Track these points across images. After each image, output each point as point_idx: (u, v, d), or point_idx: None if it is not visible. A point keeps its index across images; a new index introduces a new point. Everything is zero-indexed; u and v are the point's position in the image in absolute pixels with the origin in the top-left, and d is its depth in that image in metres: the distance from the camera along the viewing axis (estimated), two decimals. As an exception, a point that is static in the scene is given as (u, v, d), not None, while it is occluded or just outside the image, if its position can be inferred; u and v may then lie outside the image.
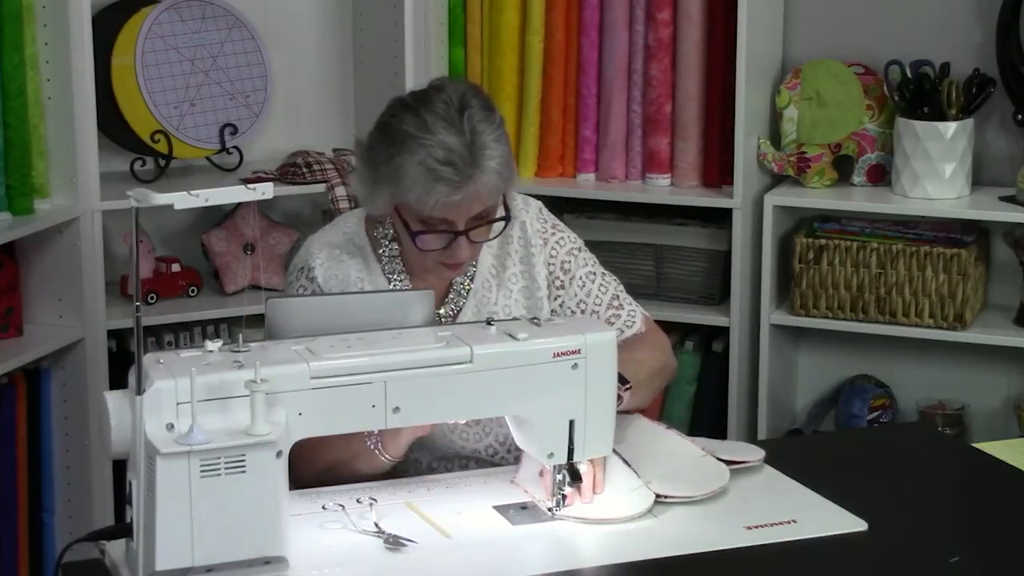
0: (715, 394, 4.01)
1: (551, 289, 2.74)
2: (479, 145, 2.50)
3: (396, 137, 2.53)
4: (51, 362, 3.71)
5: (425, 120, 2.51)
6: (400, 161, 2.50)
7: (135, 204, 2.08)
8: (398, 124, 2.53)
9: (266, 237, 3.98)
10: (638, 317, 2.78)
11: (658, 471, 2.46)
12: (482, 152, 2.50)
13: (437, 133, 2.49)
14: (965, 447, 2.97)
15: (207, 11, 3.95)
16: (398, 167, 2.51)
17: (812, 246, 3.89)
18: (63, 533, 3.74)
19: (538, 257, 2.74)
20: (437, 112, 2.52)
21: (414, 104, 2.54)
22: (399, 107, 2.57)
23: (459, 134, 2.50)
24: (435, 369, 2.28)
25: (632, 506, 2.38)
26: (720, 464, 2.51)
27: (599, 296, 2.76)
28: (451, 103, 2.53)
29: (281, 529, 2.16)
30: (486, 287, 2.71)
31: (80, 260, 3.64)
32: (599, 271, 2.79)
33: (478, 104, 2.55)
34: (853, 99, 3.95)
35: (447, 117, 2.51)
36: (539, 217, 2.78)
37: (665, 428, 2.64)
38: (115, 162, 3.92)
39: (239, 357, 2.20)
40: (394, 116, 2.56)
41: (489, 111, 2.56)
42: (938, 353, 4.00)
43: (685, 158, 4.01)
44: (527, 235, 2.75)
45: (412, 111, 2.53)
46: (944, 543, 2.35)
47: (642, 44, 4.01)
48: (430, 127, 2.50)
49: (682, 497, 2.41)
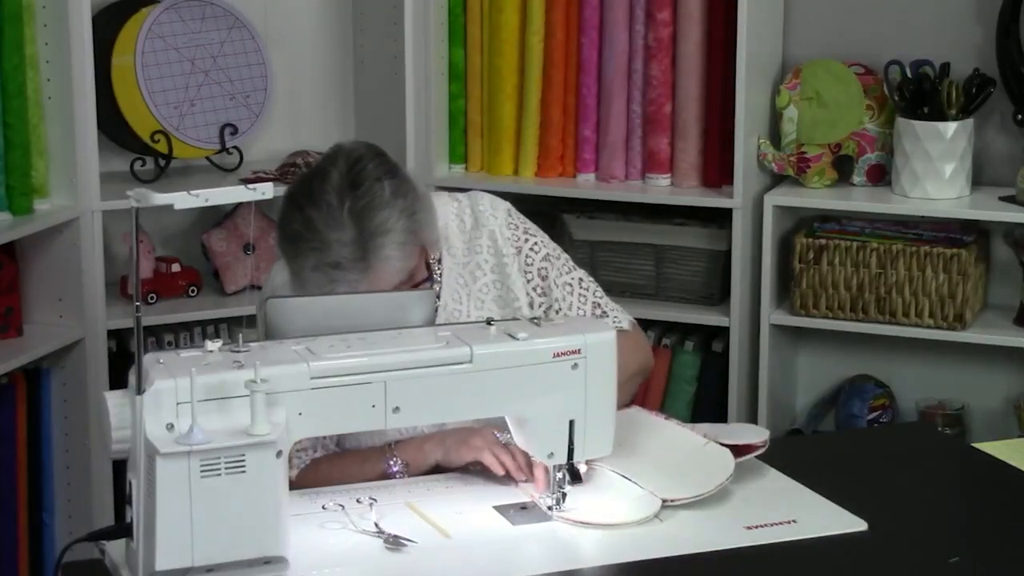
0: (715, 394, 4.01)
1: (531, 296, 2.73)
2: (368, 234, 2.44)
3: (288, 237, 2.49)
4: (51, 362, 3.71)
5: (311, 218, 2.45)
6: (298, 265, 2.48)
7: (135, 204, 2.08)
8: (288, 224, 2.48)
9: (266, 237, 3.98)
10: (623, 320, 2.77)
11: (661, 472, 2.45)
12: (374, 241, 2.44)
13: (323, 231, 2.44)
14: (965, 447, 2.97)
15: (207, 11, 3.96)
16: (299, 270, 2.48)
17: (812, 246, 3.89)
18: (63, 533, 3.74)
19: (512, 267, 2.71)
20: (321, 207, 2.44)
21: (300, 198, 2.47)
22: (288, 203, 2.50)
23: (345, 229, 2.43)
24: (435, 369, 2.28)
25: (638, 511, 2.37)
26: (724, 451, 2.47)
27: (580, 307, 2.74)
28: (336, 189, 2.44)
29: (281, 529, 2.16)
30: (455, 299, 2.69)
31: (80, 260, 3.64)
32: (575, 278, 2.76)
33: (370, 173, 2.46)
34: (853, 99, 3.95)
35: (331, 212, 2.44)
36: (508, 223, 2.74)
37: (664, 419, 2.63)
38: (115, 162, 3.92)
39: (239, 357, 2.19)
40: (285, 215, 2.50)
41: (382, 178, 2.47)
42: (938, 353, 4.00)
43: (685, 158, 4.01)
44: (497, 244, 2.71)
45: (298, 208, 2.47)
46: (944, 543, 2.35)
47: (642, 44, 4.01)
48: (317, 226, 2.44)
49: (689, 498, 2.39)
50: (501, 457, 2.47)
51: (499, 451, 2.48)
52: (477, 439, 2.51)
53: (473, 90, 4.14)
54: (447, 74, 4.12)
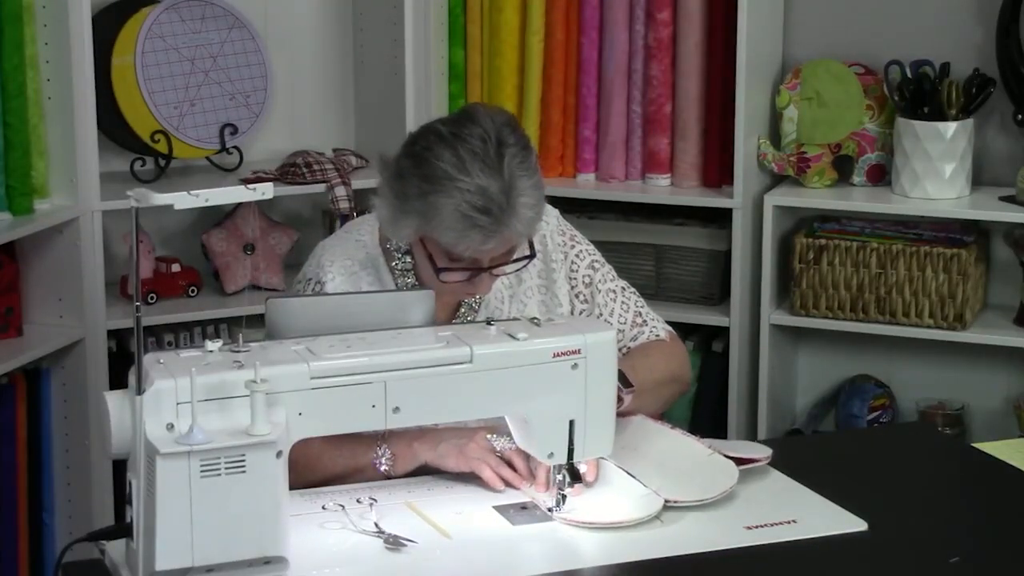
0: (715, 394, 4.01)
1: (574, 303, 2.73)
2: (517, 191, 2.42)
3: (431, 173, 2.42)
4: (51, 362, 3.71)
5: (463, 159, 2.41)
6: (434, 201, 2.42)
7: (135, 204, 2.08)
8: (434, 160, 2.42)
9: (266, 237, 3.98)
10: (661, 332, 2.78)
11: (665, 475, 2.45)
12: (519, 199, 2.42)
13: (475, 176, 2.40)
14: (965, 447, 2.97)
15: (207, 11, 3.95)
16: (431, 205, 2.42)
17: (812, 246, 3.89)
18: (63, 533, 3.74)
19: (559, 272, 2.72)
20: (475, 151, 2.41)
21: (451, 138, 2.43)
22: (435, 139, 2.45)
23: (497, 178, 2.41)
24: (435, 369, 2.28)
25: (640, 510, 2.37)
26: (728, 462, 2.48)
27: (622, 315, 2.75)
28: (488, 140, 2.42)
29: (281, 529, 2.16)
30: (498, 299, 2.69)
31: (80, 260, 3.64)
32: (619, 287, 2.77)
33: (515, 141, 2.45)
34: (853, 99, 3.95)
35: (485, 157, 2.41)
36: (559, 229, 2.74)
37: (669, 428, 2.64)
38: (115, 162, 3.92)
39: (239, 357, 2.19)
40: (429, 150, 2.44)
41: (525, 149, 2.46)
42: (938, 353, 4.00)
43: (685, 158, 4.01)
44: (547, 249, 2.72)
45: (449, 147, 2.42)
46: (944, 543, 2.35)
47: (642, 44, 4.01)
48: (468, 168, 2.40)
49: (692, 501, 2.39)
50: (499, 471, 2.46)
51: (496, 464, 2.46)
52: (473, 449, 2.48)
53: (473, 90, 4.14)
54: (447, 74, 4.12)
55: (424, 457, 2.52)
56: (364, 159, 4.02)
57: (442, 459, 2.50)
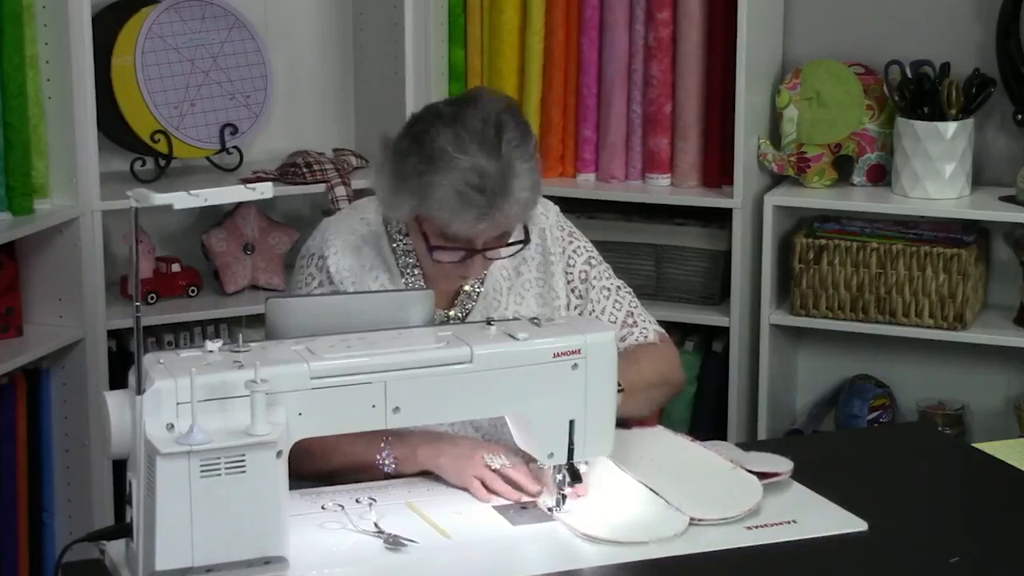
0: (715, 394, 4.01)
1: (570, 298, 2.74)
2: (512, 172, 2.44)
3: (429, 152, 2.45)
4: (51, 362, 3.70)
5: (461, 139, 2.43)
6: (430, 179, 2.44)
7: (135, 204, 2.08)
8: (432, 138, 2.45)
9: (266, 237, 3.98)
10: (651, 333, 2.78)
11: (687, 490, 2.43)
12: (514, 181, 2.44)
13: (472, 154, 2.42)
14: (965, 447, 2.97)
15: (207, 11, 3.95)
16: (427, 184, 2.45)
17: (812, 246, 3.89)
18: (63, 533, 3.74)
19: (557, 266, 2.73)
20: (474, 130, 2.44)
21: (451, 118, 2.46)
22: (435, 118, 2.48)
23: (494, 158, 2.43)
24: (435, 369, 2.28)
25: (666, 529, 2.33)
26: (751, 477, 2.47)
27: (614, 313, 2.75)
28: (488, 121, 2.45)
29: (281, 529, 2.16)
30: (497, 290, 2.70)
31: (80, 260, 3.64)
32: (614, 285, 2.78)
33: (515, 125, 2.47)
34: (853, 99, 3.95)
35: (483, 138, 2.44)
36: (558, 224, 2.76)
37: (689, 440, 2.63)
38: (115, 162, 3.92)
39: (239, 357, 2.20)
40: (429, 128, 2.47)
41: (524, 133, 2.48)
42: (938, 353, 4.00)
43: (685, 158, 4.01)
44: (546, 243, 2.73)
45: (448, 126, 2.45)
46: (944, 543, 2.35)
47: (642, 44, 4.01)
48: (465, 147, 2.43)
49: (718, 519, 2.36)
50: (494, 487, 2.44)
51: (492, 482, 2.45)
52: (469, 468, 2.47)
53: (473, 90, 4.14)
54: (447, 74, 4.12)
55: (426, 466, 2.53)
56: (364, 159, 4.02)
57: (441, 471, 2.51)
